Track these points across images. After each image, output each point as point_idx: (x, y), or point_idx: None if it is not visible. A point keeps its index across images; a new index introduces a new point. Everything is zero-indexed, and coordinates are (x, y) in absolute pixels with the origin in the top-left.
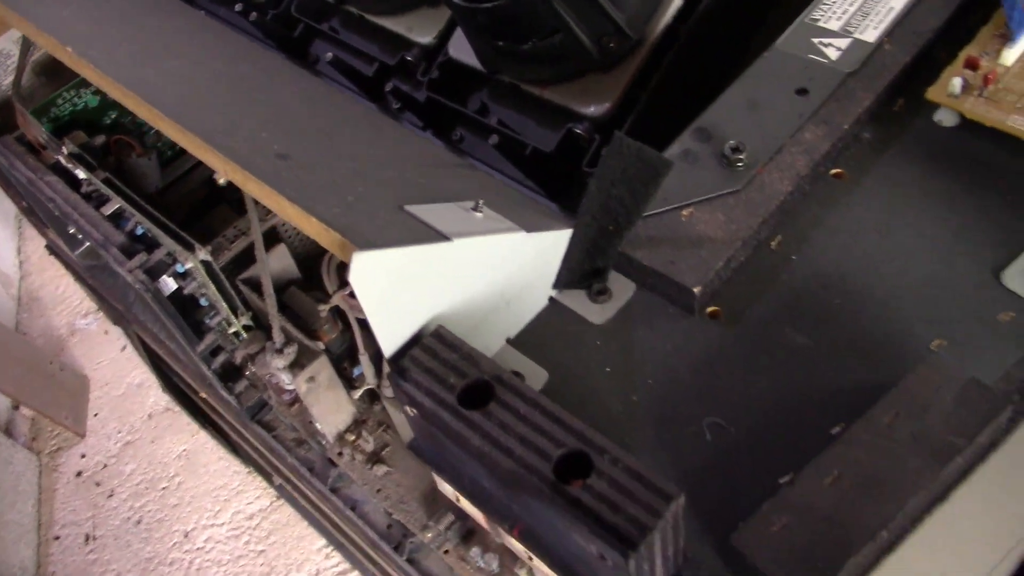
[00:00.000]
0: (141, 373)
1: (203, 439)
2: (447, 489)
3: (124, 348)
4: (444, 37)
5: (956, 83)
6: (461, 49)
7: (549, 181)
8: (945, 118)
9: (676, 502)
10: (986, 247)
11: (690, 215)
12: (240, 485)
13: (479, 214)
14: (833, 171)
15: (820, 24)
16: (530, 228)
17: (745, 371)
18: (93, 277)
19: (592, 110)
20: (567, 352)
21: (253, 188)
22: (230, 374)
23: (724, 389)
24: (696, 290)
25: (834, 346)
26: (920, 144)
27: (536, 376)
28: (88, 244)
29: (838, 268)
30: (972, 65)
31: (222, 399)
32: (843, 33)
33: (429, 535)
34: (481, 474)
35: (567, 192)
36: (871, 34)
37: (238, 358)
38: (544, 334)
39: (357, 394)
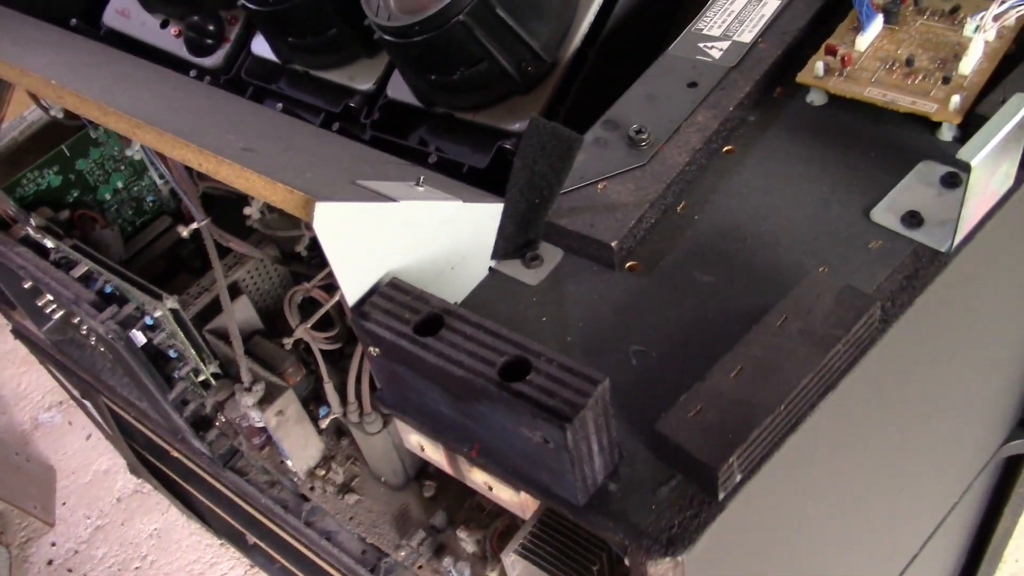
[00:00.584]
0: (108, 459)
1: (174, 516)
2: (412, 441)
3: (89, 436)
4: (383, 82)
5: (819, 66)
6: (399, 89)
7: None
8: (816, 98)
9: (602, 384)
10: (856, 194)
11: (604, 188)
12: (213, 558)
13: (420, 188)
14: (725, 148)
15: (704, 32)
16: (466, 200)
17: (662, 307)
18: (61, 352)
19: (518, 127)
20: (508, 309)
21: (225, 171)
22: (201, 424)
23: (645, 324)
24: (614, 244)
25: (734, 280)
26: (797, 121)
27: None
28: (56, 319)
29: (733, 222)
30: (831, 51)
31: (194, 450)
32: (724, 37)
33: (403, 553)
34: (439, 399)
35: None
36: (747, 36)
37: (208, 407)
38: (487, 297)
39: (324, 423)
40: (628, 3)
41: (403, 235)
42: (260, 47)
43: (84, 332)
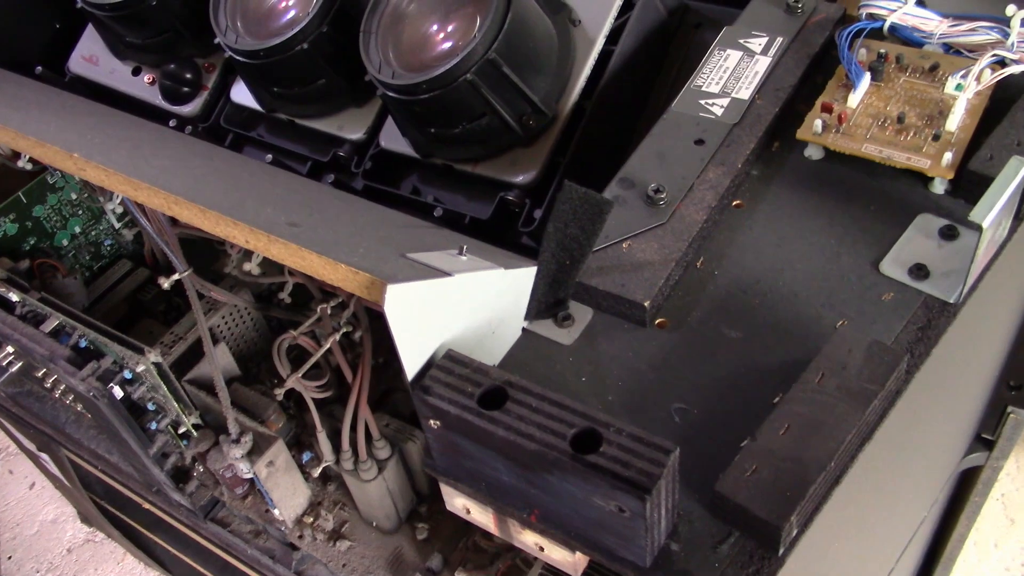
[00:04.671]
0: (54, 508)
1: (131, 565)
2: (457, 504)
3: (32, 485)
4: (373, 132)
5: (818, 124)
6: (392, 139)
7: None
8: (813, 153)
9: (673, 454)
10: (862, 246)
11: (629, 246)
12: None
13: (463, 257)
14: (734, 203)
15: (703, 89)
16: (504, 266)
17: (696, 364)
18: (17, 405)
19: (521, 179)
20: (545, 369)
21: (278, 250)
22: (180, 476)
23: (681, 381)
24: (646, 304)
25: (760, 335)
26: (797, 175)
27: None
28: (13, 371)
29: (751, 276)
30: (827, 109)
31: (171, 502)
32: (722, 94)
33: None
34: (501, 468)
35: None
36: (744, 93)
37: (188, 458)
38: (523, 358)
39: (317, 471)
40: (621, 58)
41: (455, 307)
42: (240, 95)
43: (48, 386)
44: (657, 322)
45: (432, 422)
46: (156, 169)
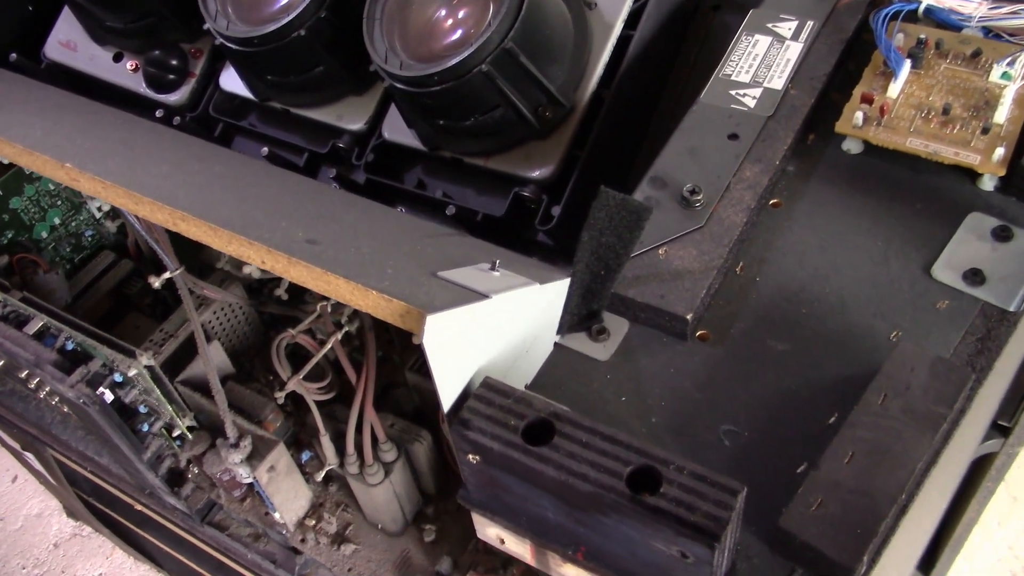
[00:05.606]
0: (39, 502)
1: (119, 560)
2: (490, 534)
3: (15, 478)
4: (375, 122)
5: (858, 116)
6: (396, 131)
7: (503, 243)
8: (852, 147)
9: (740, 495)
10: (912, 249)
11: (666, 253)
12: None
13: (496, 273)
14: (772, 202)
15: (733, 78)
16: (538, 280)
17: (743, 381)
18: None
19: (537, 174)
20: (582, 388)
21: (299, 273)
22: (174, 480)
23: (729, 400)
24: (688, 316)
25: (810, 349)
26: (836, 170)
27: None
28: None
29: (796, 283)
30: (868, 100)
31: (166, 505)
32: (754, 84)
33: None
34: (547, 506)
35: (524, 252)
36: (777, 83)
37: (182, 461)
38: (557, 376)
39: (320, 475)
40: (641, 44)
41: (492, 330)
42: (229, 82)
43: (33, 386)
44: (698, 334)
45: (471, 456)
46: (155, 177)
